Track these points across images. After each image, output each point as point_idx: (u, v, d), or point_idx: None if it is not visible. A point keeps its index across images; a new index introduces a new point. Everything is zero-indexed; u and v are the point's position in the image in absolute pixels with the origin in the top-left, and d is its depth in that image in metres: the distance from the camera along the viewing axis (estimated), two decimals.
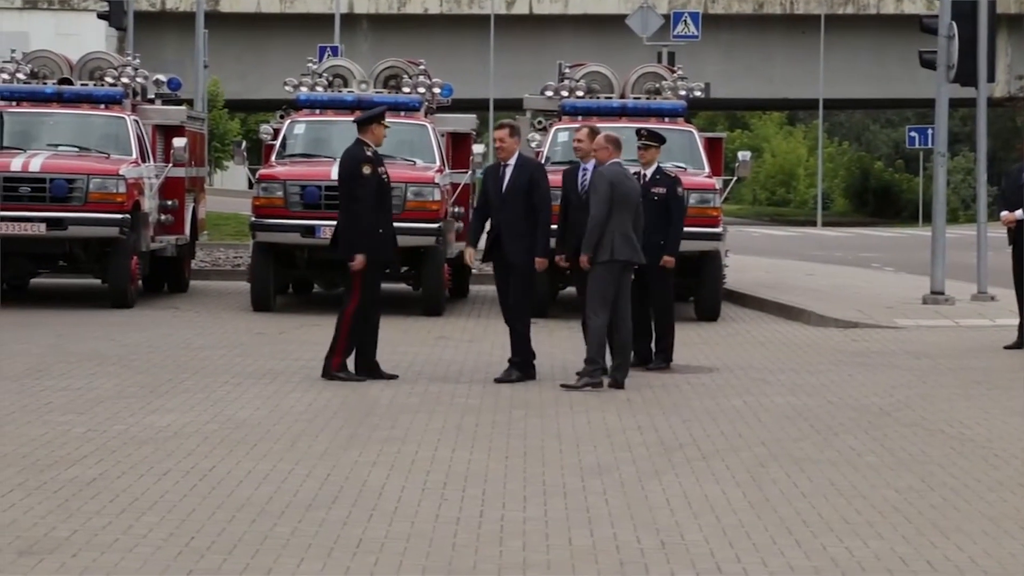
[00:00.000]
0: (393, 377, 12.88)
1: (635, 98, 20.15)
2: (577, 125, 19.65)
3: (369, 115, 13.16)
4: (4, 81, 19.73)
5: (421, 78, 20.28)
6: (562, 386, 12.50)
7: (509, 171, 13.06)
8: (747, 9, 52.08)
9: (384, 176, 12.98)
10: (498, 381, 12.84)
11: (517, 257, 12.98)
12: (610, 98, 20.15)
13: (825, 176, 64.74)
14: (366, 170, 12.84)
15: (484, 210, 13.38)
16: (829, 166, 70.73)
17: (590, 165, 13.12)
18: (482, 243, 13.68)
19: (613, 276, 12.61)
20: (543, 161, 19.09)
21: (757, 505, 8.48)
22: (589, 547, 7.56)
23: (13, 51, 20.58)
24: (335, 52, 31.99)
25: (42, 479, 8.64)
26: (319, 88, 20.09)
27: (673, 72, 21.05)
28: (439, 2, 55.14)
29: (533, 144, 19.65)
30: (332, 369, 12.80)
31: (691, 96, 20.18)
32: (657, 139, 14.20)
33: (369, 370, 12.87)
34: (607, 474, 9.24)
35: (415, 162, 19.17)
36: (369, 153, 12.92)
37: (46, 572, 6.87)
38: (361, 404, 11.69)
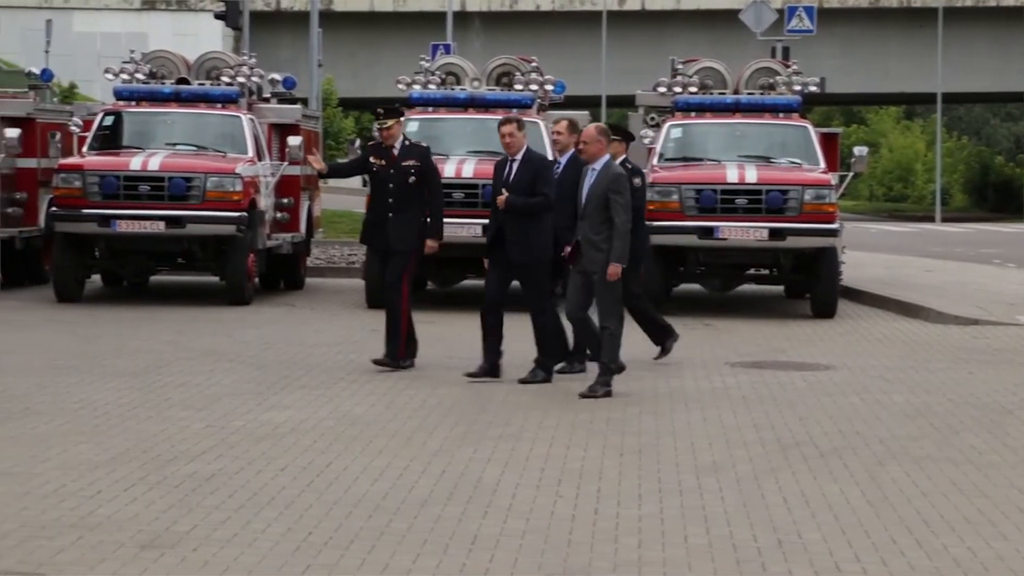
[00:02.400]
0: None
1: (749, 94, 20.00)
2: (689, 121, 19.67)
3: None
4: (124, 81, 20.00)
5: (533, 75, 20.27)
6: (581, 395, 11.79)
7: (515, 166, 12.76)
8: (863, 2, 51.53)
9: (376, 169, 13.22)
10: (523, 382, 12.41)
11: (520, 256, 12.58)
12: (723, 94, 20.02)
13: (944, 171, 63.86)
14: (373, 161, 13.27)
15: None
16: (948, 161, 69.76)
17: (564, 159, 12.91)
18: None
19: (622, 283, 12.12)
20: (656, 157, 19.06)
21: (876, 504, 8.37)
22: (705, 545, 7.51)
23: (132, 52, 20.86)
24: (448, 50, 32.09)
25: (162, 474, 8.75)
26: (432, 86, 20.15)
27: (787, 67, 20.86)
28: None
29: (646, 141, 19.57)
30: (400, 358, 13.06)
31: (806, 91, 19.99)
32: (622, 134, 14.09)
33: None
34: (723, 472, 9.17)
35: None
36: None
37: (167, 566, 6.95)
38: (475, 401, 11.71)
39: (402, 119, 13.53)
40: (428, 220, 13.22)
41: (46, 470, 8.77)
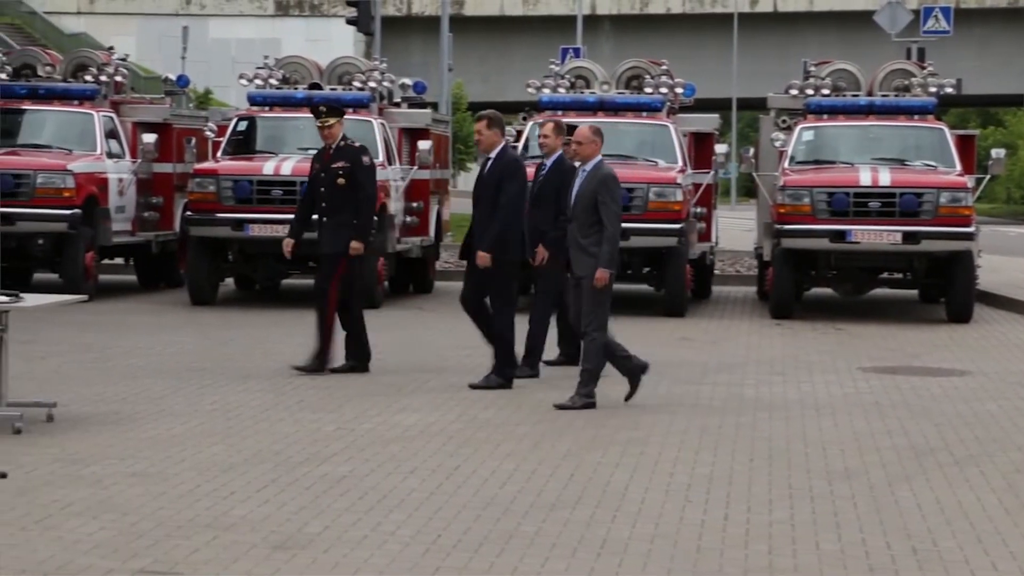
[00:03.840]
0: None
1: (883, 96, 19.76)
2: (821, 123, 19.47)
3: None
4: (257, 87, 20.26)
5: (663, 78, 20.20)
6: (556, 406, 11.35)
7: (488, 165, 12.41)
8: (1001, 2, 50.71)
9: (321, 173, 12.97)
10: (473, 387, 12.19)
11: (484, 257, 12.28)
12: (857, 96, 19.80)
13: None
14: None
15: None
16: None
17: (550, 161, 12.70)
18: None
19: (611, 289, 11.74)
20: (788, 160, 18.88)
21: (1014, 512, 8.21)
22: (837, 552, 7.41)
23: (266, 57, 21.13)
24: (577, 53, 32.08)
25: (294, 476, 8.83)
26: (561, 90, 20.17)
27: (923, 68, 20.59)
28: (681, 1, 54.88)
29: (777, 144, 19.42)
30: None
31: (941, 93, 19.71)
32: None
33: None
34: (855, 478, 9.06)
35: (657, 162, 19.12)
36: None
37: (298, 567, 7.01)
38: (603, 405, 11.67)
39: (343, 119, 13.15)
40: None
41: (181, 471, 8.90)
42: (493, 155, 12.34)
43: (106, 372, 12.66)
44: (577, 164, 11.76)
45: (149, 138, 19.84)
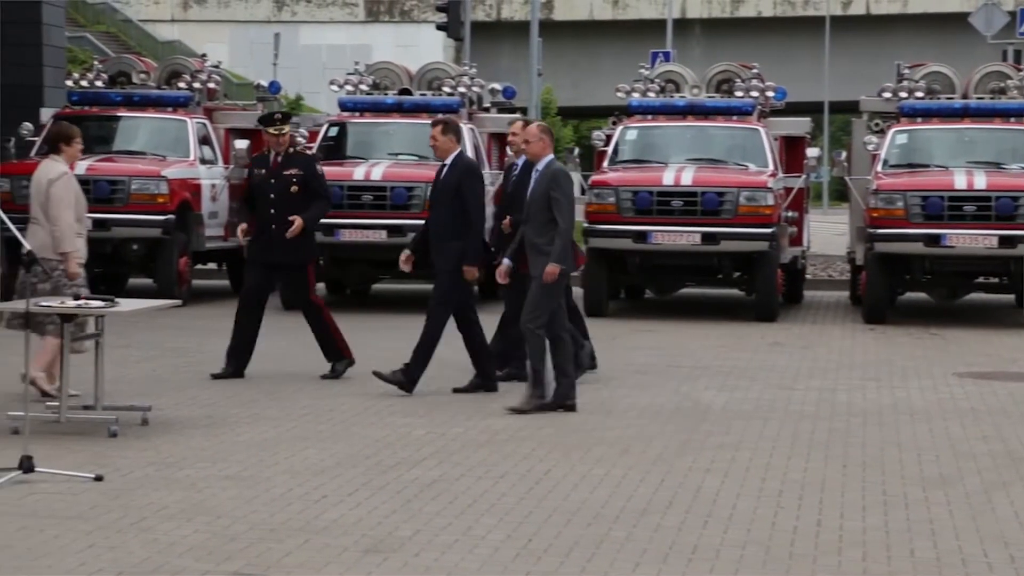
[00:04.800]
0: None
1: (978, 98, 19.53)
2: (915, 127, 19.27)
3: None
4: (348, 93, 20.38)
5: (754, 81, 20.08)
6: (510, 409, 11.20)
7: (444, 170, 12.20)
8: None
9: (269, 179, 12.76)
10: (378, 375, 12.04)
11: (441, 262, 12.09)
12: (951, 98, 19.58)
13: None
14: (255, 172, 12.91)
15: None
16: None
17: (520, 161, 12.45)
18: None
19: (563, 286, 11.53)
20: (881, 164, 18.70)
21: None
22: (932, 559, 7.33)
23: (356, 63, 21.24)
24: (667, 57, 31.99)
25: (385, 479, 8.86)
26: (651, 94, 20.11)
27: (1019, 71, 20.32)
28: (773, 4, 54.57)
29: (870, 147, 19.24)
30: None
31: None
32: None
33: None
34: (950, 485, 8.95)
35: (747, 166, 19.02)
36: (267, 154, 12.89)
37: (390, 570, 7.03)
38: (694, 410, 11.63)
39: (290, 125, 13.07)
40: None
41: (274, 474, 8.96)
42: (448, 161, 12.17)
43: (199, 376, 12.77)
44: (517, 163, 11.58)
45: (241, 144, 20.01)
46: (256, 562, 7.06)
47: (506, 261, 11.99)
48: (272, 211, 12.73)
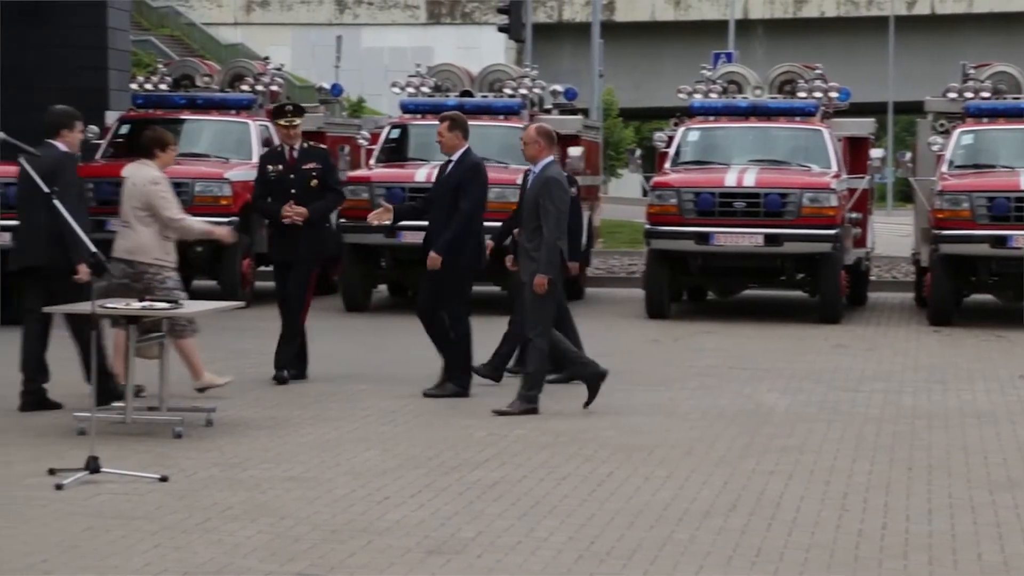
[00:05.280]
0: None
1: None
2: (981, 127, 19.10)
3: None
4: (409, 95, 20.42)
5: (817, 82, 19.98)
6: (495, 412, 11.14)
7: (449, 167, 12.01)
8: None
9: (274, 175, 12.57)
10: (427, 395, 11.91)
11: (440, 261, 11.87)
12: (1018, 98, 19.41)
13: None
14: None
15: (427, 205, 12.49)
16: None
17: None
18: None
19: (557, 292, 11.41)
20: (946, 164, 18.55)
21: None
22: (1000, 563, 7.25)
23: (418, 65, 21.29)
24: (729, 58, 31.88)
25: (447, 481, 8.87)
26: (713, 95, 20.04)
27: None
28: (836, 4, 54.30)
29: (935, 148, 19.09)
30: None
31: None
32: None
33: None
34: (1018, 488, 8.86)
35: (810, 167, 18.92)
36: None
37: (452, 571, 7.03)
38: (757, 412, 11.58)
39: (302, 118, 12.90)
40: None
41: (336, 475, 8.99)
42: (455, 157, 12.01)
43: (262, 378, 12.83)
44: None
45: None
46: (319, 563, 7.08)
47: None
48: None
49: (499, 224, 12.74)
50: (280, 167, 12.64)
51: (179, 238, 11.67)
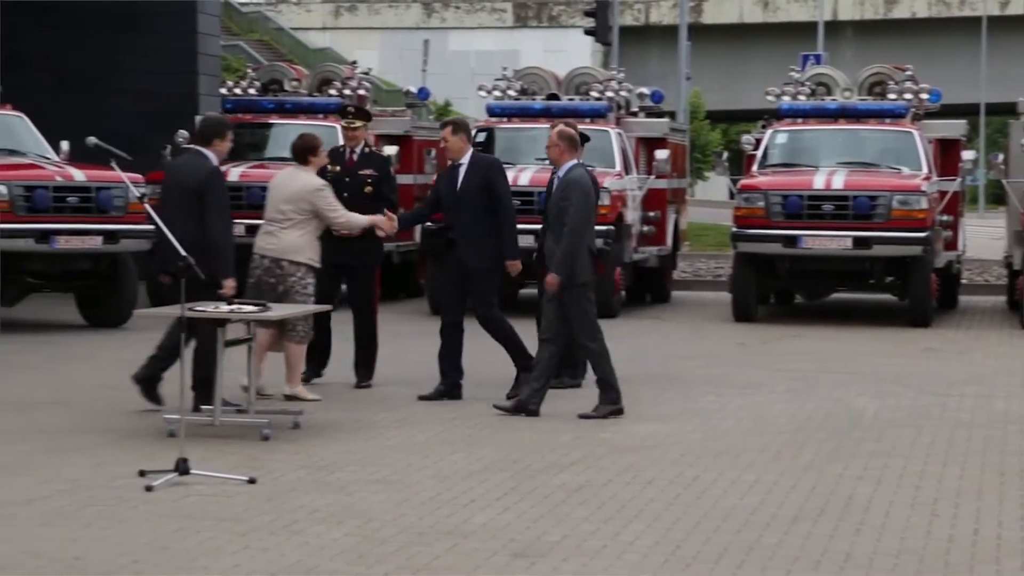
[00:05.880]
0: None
1: None
2: None
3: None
4: (496, 98, 20.45)
5: (908, 84, 19.80)
6: (580, 416, 11.08)
7: (462, 171, 11.88)
8: None
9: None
10: (422, 398, 11.79)
11: (474, 262, 11.77)
12: None
13: None
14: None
15: (432, 208, 12.40)
16: None
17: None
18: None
19: (591, 294, 11.25)
20: None
21: None
22: None
23: (504, 69, 21.31)
24: (818, 60, 31.66)
25: (533, 484, 8.86)
26: (801, 97, 19.91)
27: None
28: (927, 5, 53.78)
29: None
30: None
31: None
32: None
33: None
34: None
35: (901, 170, 18.75)
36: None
37: (538, 575, 7.02)
38: (845, 417, 11.48)
39: (369, 123, 12.80)
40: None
41: (423, 478, 9.01)
42: (465, 161, 11.90)
43: (349, 380, 12.88)
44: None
45: (390, 150, 20.19)
46: (406, 565, 7.10)
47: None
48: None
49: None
50: (338, 168, 12.63)
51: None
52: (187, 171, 10.80)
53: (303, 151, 11.85)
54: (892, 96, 19.62)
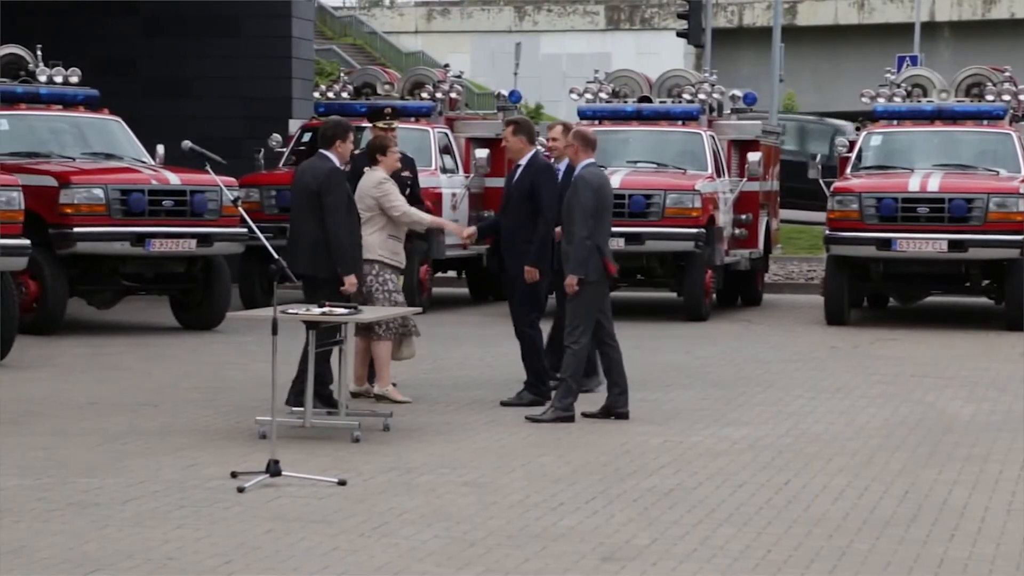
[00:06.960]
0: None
1: None
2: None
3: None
4: (587, 101, 20.42)
5: (1006, 85, 19.54)
6: (527, 419, 11.01)
7: (518, 172, 11.77)
8: None
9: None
10: (505, 404, 11.64)
11: (513, 267, 11.69)
12: None
13: None
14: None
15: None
16: None
17: (562, 166, 11.95)
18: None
19: (599, 296, 11.12)
20: None
21: None
22: None
23: (596, 72, 21.28)
24: (914, 61, 31.34)
25: (622, 488, 8.84)
26: (897, 99, 19.71)
27: None
28: None
29: None
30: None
31: None
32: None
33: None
34: None
35: (998, 172, 18.52)
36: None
37: None
38: (940, 421, 11.35)
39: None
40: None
41: (511, 481, 9.01)
42: (523, 162, 11.77)
43: (438, 383, 12.93)
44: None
45: (482, 153, 20.23)
46: (495, 568, 7.10)
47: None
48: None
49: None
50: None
51: (411, 229, 12.06)
52: (309, 173, 11.07)
53: (373, 151, 11.91)
54: (990, 97, 19.37)
